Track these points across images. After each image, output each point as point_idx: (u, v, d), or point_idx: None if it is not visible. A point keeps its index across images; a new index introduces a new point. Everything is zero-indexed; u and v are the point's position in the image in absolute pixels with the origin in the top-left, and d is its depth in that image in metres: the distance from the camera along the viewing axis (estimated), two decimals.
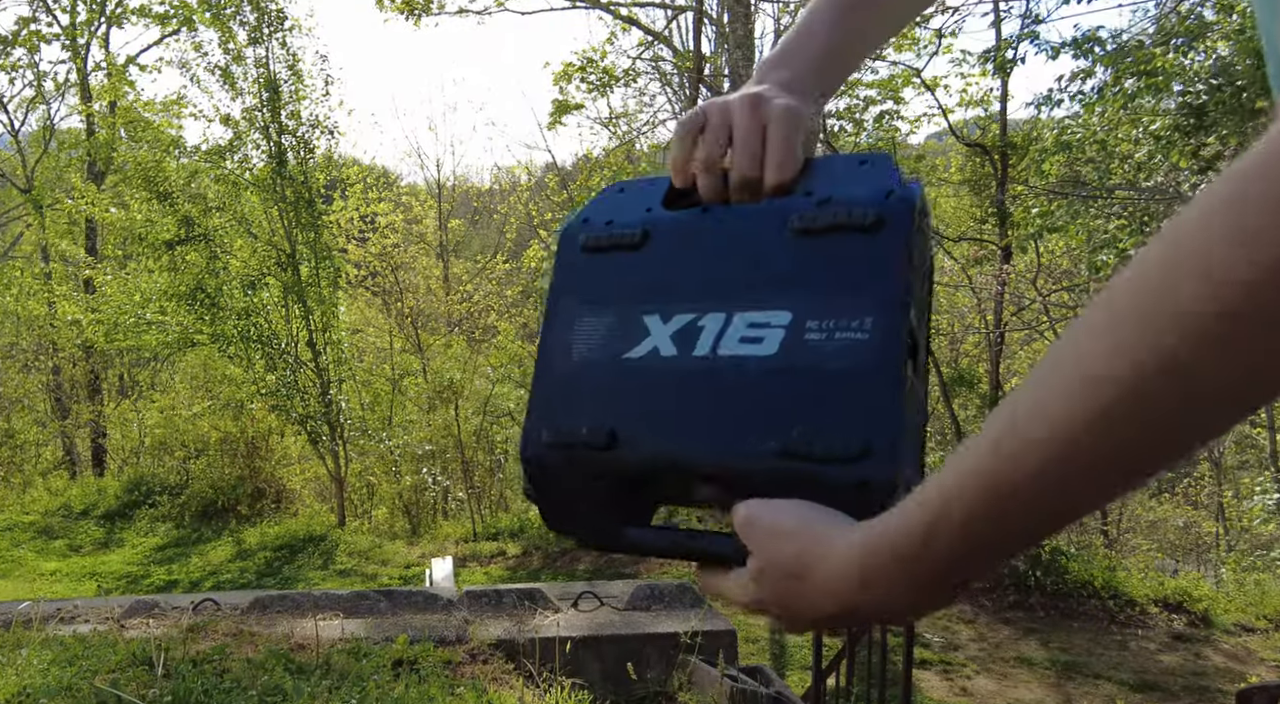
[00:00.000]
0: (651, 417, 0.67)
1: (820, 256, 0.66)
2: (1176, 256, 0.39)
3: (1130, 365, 0.40)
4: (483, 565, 10.35)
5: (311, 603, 5.41)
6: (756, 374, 0.65)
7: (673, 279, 0.71)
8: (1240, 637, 7.90)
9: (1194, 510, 14.56)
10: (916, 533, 0.51)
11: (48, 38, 18.13)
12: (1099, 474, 0.44)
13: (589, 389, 0.71)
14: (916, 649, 6.30)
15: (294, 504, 13.60)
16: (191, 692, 3.45)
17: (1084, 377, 0.42)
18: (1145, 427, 0.41)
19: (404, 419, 14.79)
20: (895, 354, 0.62)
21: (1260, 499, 8.91)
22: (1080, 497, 0.46)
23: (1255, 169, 0.38)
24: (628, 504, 0.70)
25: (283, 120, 12.55)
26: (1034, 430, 0.44)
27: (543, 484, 0.71)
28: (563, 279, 0.77)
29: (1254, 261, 0.36)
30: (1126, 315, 0.41)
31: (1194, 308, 0.38)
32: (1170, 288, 0.39)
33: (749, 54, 11.54)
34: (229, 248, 12.81)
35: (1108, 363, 0.41)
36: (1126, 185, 8.68)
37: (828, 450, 0.61)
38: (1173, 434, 0.42)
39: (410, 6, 11.70)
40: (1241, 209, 0.37)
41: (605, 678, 4.94)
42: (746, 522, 0.62)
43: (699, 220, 0.74)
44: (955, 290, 13.62)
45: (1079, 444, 0.43)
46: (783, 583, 0.60)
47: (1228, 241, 0.37)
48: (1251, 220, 0.36)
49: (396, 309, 17.23)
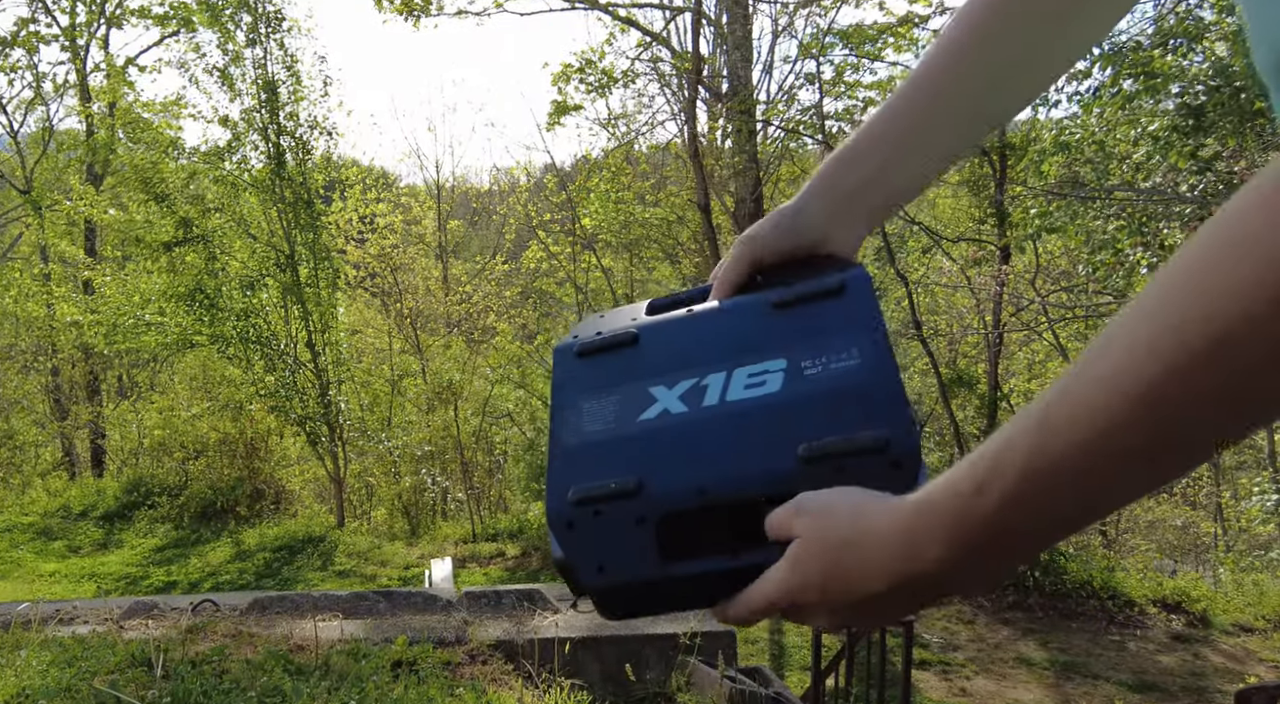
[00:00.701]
0: (674, 459, 0.69)
1: (800, 320, 0.74)
2: (1232, 239, 0.41)
3: (1178, 344, 0.41)
4: (482, 566, 10.36)
5: (310, 604, 5.41)
6: (767, 408, 0.69)
7: (669, 360, 0.76)
8: (1239, 637, 7.91)
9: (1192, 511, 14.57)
10: (966, 489, 0.52)
11: (47, 39, 18.13)
12: (1144, 453, 0.45)
13: (608, 451, 0.72)
14: (915, 650, 6.30)
15: (293, 505, 13.61)
16: (190, 693, 3.45)
17: (1132, 353, 0.44)
18: (1189, 405, 0.42)
19: (403, 420, 14.79)
20: (890, 365, 0.68)
21: (1258, 499, 8.91)
22: (1124, 472, 0.47)
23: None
24: (663, 547, 0.69)
25: (281, 121, 12.56)
26: (1082, 403, 0.46)
27: (573, 543, 0.70)
28: (563, 383, 0.80)
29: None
30: (1176, 295, 0.42)
31: (1247, 287, 0.39)
32: (1225, 267, 0.40)
33: (747, 55, 11.54)
34: (228, 249, 12.81)
35: (1153, 342, 0.42)
36: (1125, 186, 8.69)
37: (851, 445, 0.64)
38: (1219, 415, 0.43)
39: (409, 7, 11.70)
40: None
41: (605, 679, 4.94)
42: (797, 508, 0.62)
43: (685, 317, 0.80)
44: (954, 291, 13.64)
45: (1124, 419, 0.44)
46: (830, 555, 0.60)
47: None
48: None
49: (395, 310, 17.24)
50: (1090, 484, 0.48)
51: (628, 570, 0.69)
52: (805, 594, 0.62)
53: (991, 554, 0.54)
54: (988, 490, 0.51)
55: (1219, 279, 0.40)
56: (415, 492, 13.28)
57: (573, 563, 0.71)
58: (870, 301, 0.74)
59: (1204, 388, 0.41)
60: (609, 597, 0.72)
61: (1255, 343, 0.39)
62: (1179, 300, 0.42)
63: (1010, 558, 0.55)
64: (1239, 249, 0.40)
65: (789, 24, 11.83)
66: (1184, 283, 0.42)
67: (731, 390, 0.71)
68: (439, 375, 13.88)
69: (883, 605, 0.60)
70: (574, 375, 0.80)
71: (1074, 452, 0.47)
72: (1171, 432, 0.44)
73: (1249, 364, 0.40)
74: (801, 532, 0.61)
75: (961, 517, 0.53)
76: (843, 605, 0.61)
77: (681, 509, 0.68)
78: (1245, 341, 0.39)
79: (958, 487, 0.53)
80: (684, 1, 12.09)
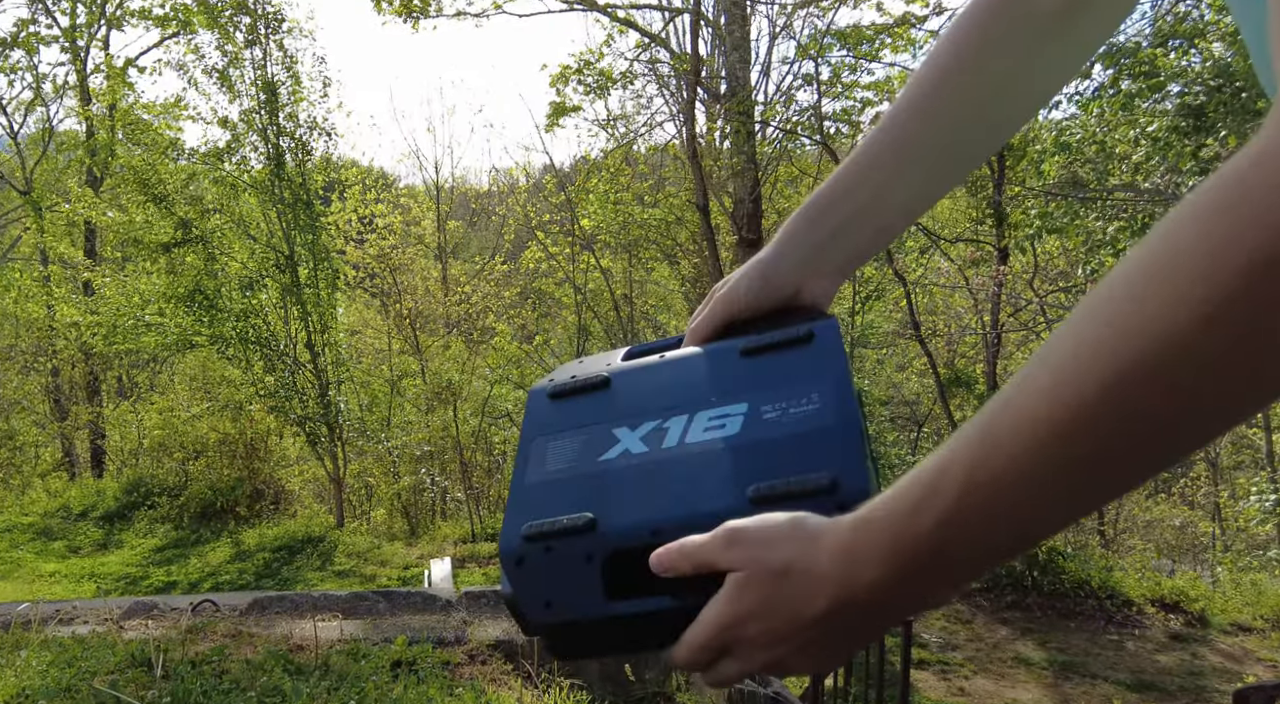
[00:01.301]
0: (629, 498, 0.70)
1: (766, 366, 0.75)
2: (1166, 251, 0.41)
3: (1113, 355, 0.41)
4: (481, 566, 10.36)
5: (310, 604, 5.42)
6: (724, 449, 0.69)
7: (637, 403, 0.78)
8: (1237, 636, 7.92)
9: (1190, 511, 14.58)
10: (903, 509, 0.51)
11: (47, 40, 18.13)
12: (1086, 465, 0.44)
13: (565, 489, 0.73)
14: (914, 649, 6.32)
15: (292, 505, 13.61)
16: (190, 693, 3.46)
17: (1075, 361, 0.43)
18: (1122, 423, 0.42)
19: (402, 420, 14.80)
20: (850, 409, 0.68)
21: (1256, 499, 8.92)
22: (1066, 486, 0.46)
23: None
24: (608, 585, 0.68)
25: (280, 122, 12.56)
26: (1024, 414, 0.45)
27: (521, 579, 0.70)
28: (532, 422, 0.82)
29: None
30: (1114, 306, 0.42)
31: (1177, 300, 0.39)
32: (1159, 279, 0.40)
33: (745, 56, 11.55)
34: (227, 250, 12.81)
35: (1095, 351, 0.42)
36: (1125, 187, 8.70)
37: (798, 486, 0.64)
38: (1153, 438, 0.42)
39: (408, 9, 11.70)
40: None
41: (604, 679, 4.95)
42: (732, 536, 0.59)
43: (657, 362, 0.82)
44: (952, 292, 13.64)
45: (1066, 430, 0.43)
46: (769, 583, 0.57)
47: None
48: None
49: (395, 310, 17.24)
50: (1032, 498, 0.47)
51: (574, 608, 0.68)
52: (744, 627, 0.59)
53: (928, 577, 0.52)
54: (925, 510, 0.50)
55: (1154, 290, 0.40)
56: (414, 492, 13.28)
57: (521, 599, 0.70)
58: (837, 349, 0.75)
59: (1142, 401, 0.41)
60: (556, 635, 0.71)
61: (1187, 358, 0.39)
62: (1117, 312, 0.42)
63: (947, 581, 0.53)
64: (1173, 262, 0.40)
65: (787, 25, 11.84)
66: (1123, 294, 0.42)
67: (691, 433, 0.72)
68: (438, 376, 13.89)
69: (823, 639, 0.58)
70: (543, 417, 0.81)
71: (1015, 465, 0.46)
72: (1113, 444, 0.43)
73: (1181, 379, 0.40)
74: (739, 564, 0.59)
75: (898, 537, 0.51)
76: (782, 638, 0.58)
77: (631, 547, 0.67)
78: (1176, 358, 0.39)
79: (895, 506, 0.52)
80: (683, 3, 12.10)
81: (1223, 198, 0.39)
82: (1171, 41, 8.01)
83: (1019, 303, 11.56)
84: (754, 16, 12.10)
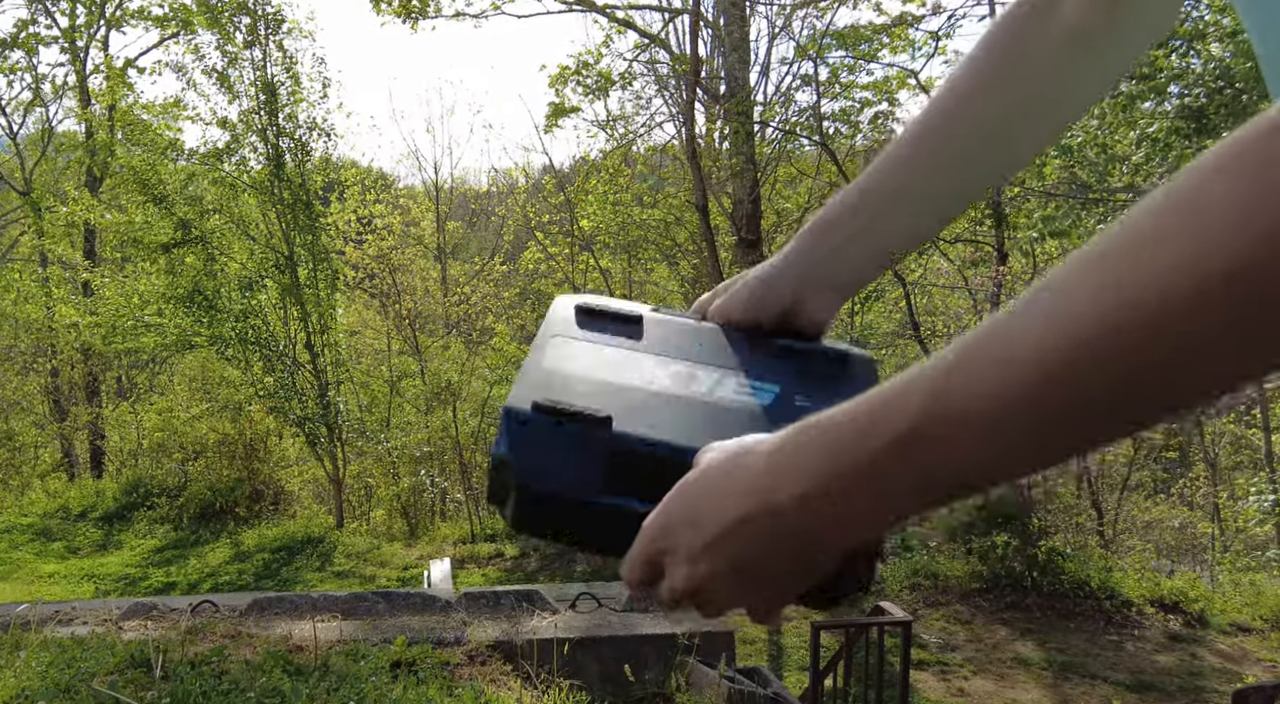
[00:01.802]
0: (650, 417, 0.69)
1: (803, 366, 0.76)
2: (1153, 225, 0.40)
3: (1074, 325, 0.39)
4: (480, 567, 10.37)
5: (309, 605, 5.42)
6: (751, 412, 0.69)
7: (667, 346, 0.77)
8: (1236, 637, 7.93)
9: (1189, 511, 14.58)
10: (852, 420, 0.47)
11: (46, 40, 18.14)
12: (1057, 417, 0.41)
13: (586, 386, 0.71)
14: (914, 650, 6.32)
15: (292, 506, 13.61)
16: (189, 694, 3.46)
17: (1075, 298, 0.40)
18: (1116, 371, 0.39)
19: (402, 421, 14.80)
20: None
21: (1255, 500, 8.93)
22: (1031, 438, 0.42)
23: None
24: (608, 477, 0.67)
25: (280, 123, 12.57)
26: (1004, 346, 0.42)
27: (522, 441, 0.68)
28: (556, 322, 0.80)
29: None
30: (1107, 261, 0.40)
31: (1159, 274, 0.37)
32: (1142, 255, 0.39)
33: (744, 57, 11.56)
34: (227, 250, 12.82)
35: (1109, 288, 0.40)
36: (1126, 188, 8.71)
37: None
38: (1143, 391, 0.39)
39: (407, 9, 11.71)
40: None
41: (603, 679, 4.96)
42: (698, 460, 0.58)
43: (690, 321, 0.82)
44: (952, 292, 13.65)
45: (1048, 375, 0.40)
46: (693, 483, 0.55)
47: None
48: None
49: (394, 311, 17.24)
50: (998, 439, 0.42)
51: (566, 486, 0.67)
52: (672, 536, 0.56)
53: (860, 504, 0.48)
54: (871, 431, 0.46)
55: (1178, 241, 0.37)
56: (414, 492, 13.28)
57: (515, 459, 0.68)
58: (872, 370, 0.76)
59: (1140, 352, 0.38)
60: (535, 505, 0.69)
61: (1199, 314, 0.36)
62: (1137, 252, 0.39)
63: (881, 513, 0.49)
64: (1157, 240, 0.38)
65: (786, 26, 11.86)
66: (1120, 252, 0.40)
67: (720, 389, 0.72)
68: (437, 376, 13.89)
69: (746, 558, 0.53)
70: (568, 325, 0.79)
71: (986, 400, 0.42)
72: (1097, 393, 0.39)
73: (1186, 337, 0.37)
74: (687, 475, 0.57)
75: (836, 452, 0.48)
76: (705, 547, 0.54)
77: (634, 453, 0.66)
78: (1188, 311, 0.36)
79: (841, 419, 0.48)
80: (682, 3, 12.11)
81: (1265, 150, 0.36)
82: (1173, 41, 8.02)
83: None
84: (753, 17, 12.12)
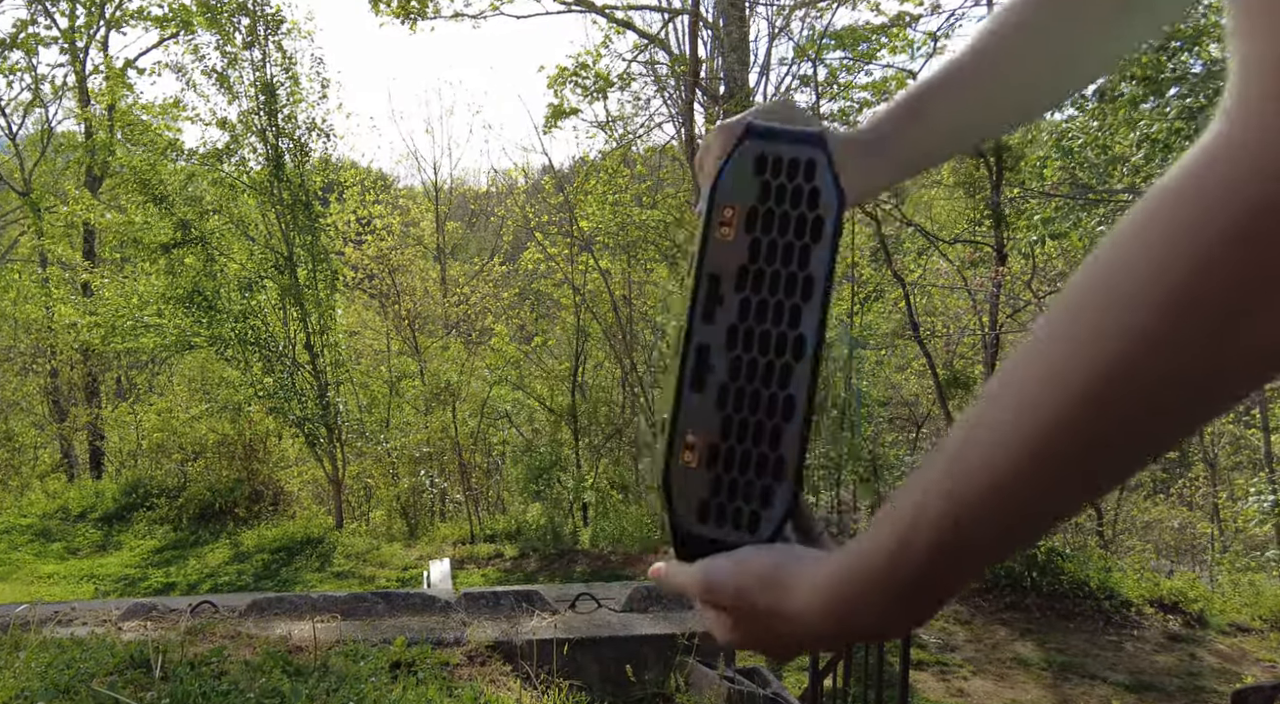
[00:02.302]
0: None
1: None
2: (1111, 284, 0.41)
3: (1067, 382, 0.41)
4: (480, 567, 10.36)
5: (309, 605, 5.42)
6: None
7: None
8: (1235, 637, 7.93)
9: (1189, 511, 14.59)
10: (884, 554, 0.51)
11: (46, 41, 18.13)
12: (1055, 484, 0.44)
13: None
14: (913, 650, 6.32)
15: (291, 506, 13.61)
16: (189, 694, 3.46)
17: (1023, 395, 0.43)
18: (1085, 441, 0.42)
19: (401, 421, 14.79)
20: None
21: (1255, 500, 8.94)
22: (1041, 505, 0.46)
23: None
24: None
25: (279, 123, 12.57)
26: (985, 445, 0.45)
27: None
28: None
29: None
30: (1063, 336, 0.42)
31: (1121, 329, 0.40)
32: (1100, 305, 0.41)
33: (744, 57, 11.57)
34: (226, 250, 12.82)
35: (1047, 383, 0.42)
36: (1127, 189, 8.72)
37: None
38: (1113, 449, 0.42)
39: (406, 10, 11.72)
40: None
41: (603, 679, 4.96)
42: (702, 589, 0.61)
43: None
44: (951, 292, 13.66)
45: (1031, 457, 0.43)
46: (761, 624, 0.59)
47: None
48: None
49: (394, 311, 17.24)
50: (1002, 520, 0.46)
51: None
52: (737, 641, 0.62)
53: (920, 603, 0.53)
54: (905, 555, 0.50)
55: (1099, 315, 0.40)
56: (413, 493, 13.28)
57: None
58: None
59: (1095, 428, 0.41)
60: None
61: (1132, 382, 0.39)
62: (1080, 328, 0.42)
63: (941, 600, 0.53)
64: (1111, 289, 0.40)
65: (785, 26, 11.86)
66: (1074, 313, 0.42)
67: None
68: (437, 376, 13.88)
69: (822, 646, 0.61)
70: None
71: (985, 497, 0.46)
72: (1066, 471, 0.43)
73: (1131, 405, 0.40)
74: (727, 602, 0.60)
75: (883, 584, 0.52)
76: (781, 653, 0.62)
77: None
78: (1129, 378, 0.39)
79: (878, 548, 0.52)
80: (681, 4, 12.11)
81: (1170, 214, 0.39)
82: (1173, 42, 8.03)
83: (1017, 304, 11.57)
84: (752, 18, 12.12)
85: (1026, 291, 11.40)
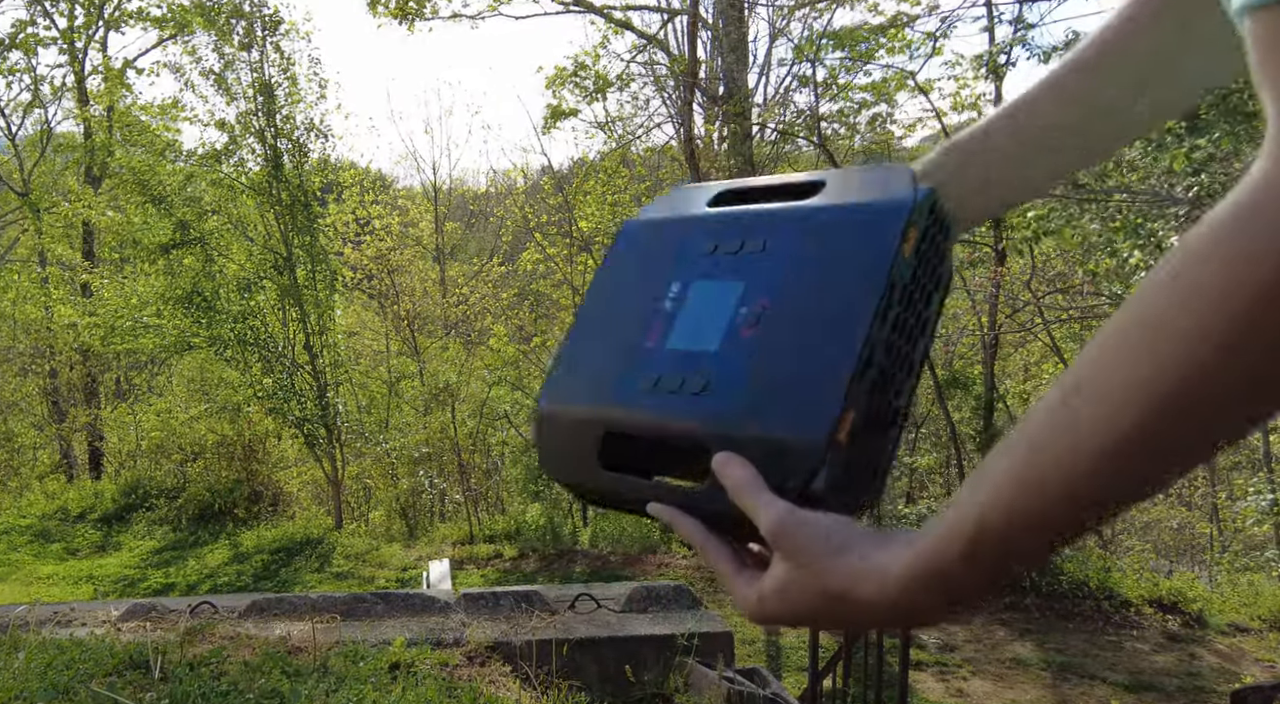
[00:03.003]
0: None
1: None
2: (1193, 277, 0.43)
3: (1150, 391, 0.44)
4: (479, 568, 10.36)
5: (309, 606, 5.42)
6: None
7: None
8: (1234, 637, 7.93)
9: (1188, 512, 14.59)
10: (956, 548, 0.53)
11: (45, 41, 18.10)
12: (1136, 468, 0.47)
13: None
14: (913, 650, 6.32)
15: (291, 507, 13.60)
16: (188, 695, 3.46)
17: (1107, 401, 0.46)
18: (1162, 442, 0.45)
19: (400, 422, 14.78)
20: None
21: (1254, 500, 8.93)
22: (1118, 489, 0.48)
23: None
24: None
25: (277, 124, 12.56)
26: (1064, 438, 0.48)
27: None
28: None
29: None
30: (1151, 326, 0.45)
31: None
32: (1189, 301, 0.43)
33: (743, 58, 11.57)
34: (225, 251, 12.81)
35: (1132, 388, 0.45)
36: (1121, 188, 8.72)
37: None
38: (1199, 431, 0.45)
39: (403, 11, 11.72)
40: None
41: (603, 680, 4.96)
42: (779, 531, 0.61)
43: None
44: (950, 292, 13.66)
45: (1112, 448, 0.46)
46: (818, 602, 0.61)
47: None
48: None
49: (393, 312, 17.24)
50: (1079, 505, 0.49)
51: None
52: (780, 619, 0.64)
53: (988, 588, 0.56)
54: (979, 547, 0.52)
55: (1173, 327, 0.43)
56: (413, 493, 13.28)
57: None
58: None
59: (1170, 434, 0.45)
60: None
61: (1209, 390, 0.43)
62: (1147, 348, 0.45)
63: (1005, 584, 0.56)
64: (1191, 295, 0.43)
65: (784, 27, 11.86)
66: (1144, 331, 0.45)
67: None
68: (436, 377, 13.88)
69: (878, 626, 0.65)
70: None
71: (1065, 481, 0.48)
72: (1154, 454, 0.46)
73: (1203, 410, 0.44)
74: (792, 560, 0.61)
75: (958, 576, 0.54)
76: (812, 620, 0.64)
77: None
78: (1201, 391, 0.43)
79: (950, 541, 0.54)
80: (680, 4, 12.11)
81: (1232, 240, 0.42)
82: None
83: (1016, 304, 11.58)
84: (751, 18, 12.12)
85: (1025, 291, 11.40)
